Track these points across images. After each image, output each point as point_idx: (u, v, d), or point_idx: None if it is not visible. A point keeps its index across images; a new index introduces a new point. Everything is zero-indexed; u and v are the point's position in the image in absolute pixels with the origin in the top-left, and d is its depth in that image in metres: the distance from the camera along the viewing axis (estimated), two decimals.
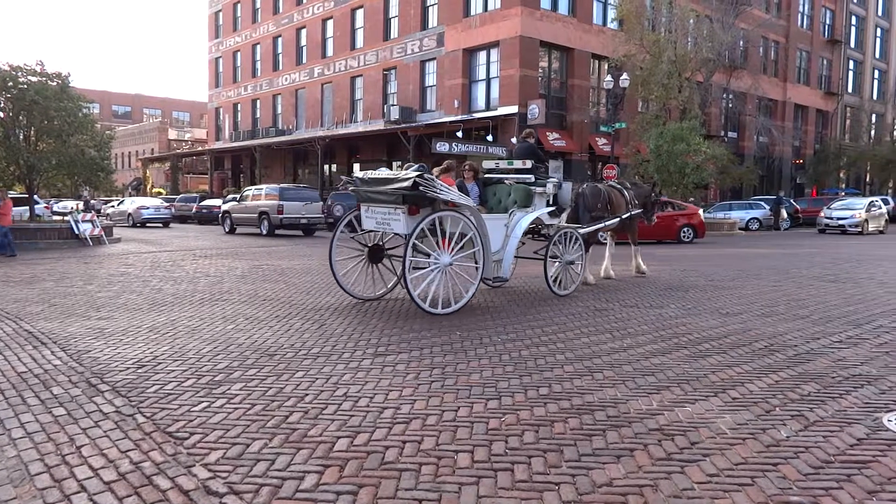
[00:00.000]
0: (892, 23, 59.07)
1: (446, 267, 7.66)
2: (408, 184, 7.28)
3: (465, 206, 7.85)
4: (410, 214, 7.55)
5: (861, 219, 27.81)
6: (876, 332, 6.69)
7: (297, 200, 22.96)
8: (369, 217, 8.15)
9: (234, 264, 13.22)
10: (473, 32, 32.50)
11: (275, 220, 22.64)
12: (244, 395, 4.40)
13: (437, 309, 7.46)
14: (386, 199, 7.67)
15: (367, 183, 7.97)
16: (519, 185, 9.23)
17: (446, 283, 7.69)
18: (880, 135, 54.81)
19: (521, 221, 8.76)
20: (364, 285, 8.72)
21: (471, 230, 7.79)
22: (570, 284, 9.33)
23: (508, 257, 8.61)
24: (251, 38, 49.40)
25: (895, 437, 3.72)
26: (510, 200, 9.12)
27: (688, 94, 31.04)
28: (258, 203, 23.67)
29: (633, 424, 3.89)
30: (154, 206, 31.41)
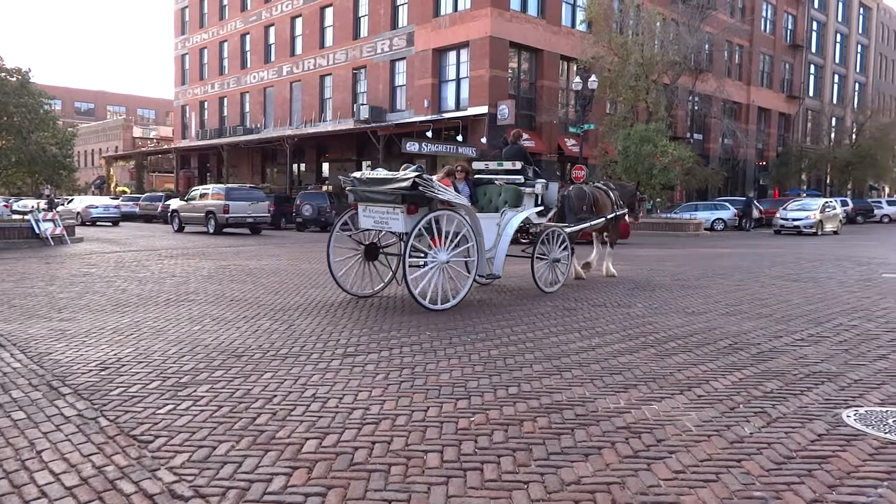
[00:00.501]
0: (851, 29, 60.64)
1: (444, 264, 7.90)
2: (407, 184, 7.49)
3: (460, 205, 8.12)
4: (409, 214, 7.77)
5: (816, 220, 28.09)
6: (836, 329, 6.86)
7: (243, 200, 23.68)
8: (367, 216, 8.33)
9: (201, 264, 13.04)
10: (443, 32, 32.53)
11: (221, 220, 23.38)
12: (211, 397, 4.34)
13: (437, 305, 7.71)
14: (384, 199, 7.86)
15: (364, 183, 8.14)
16: (509, 186, 9.52)
17: (443, 279, 7.90)
18: (840, 138, 56.25)
19: (512, 220, 9.05)
20: (362, 282, 8.89)
21: (466, 229, 8.04)
22: (556, 282, 9.61)
23: (501, 255, 8.85)
24: (218, 34, 48.76)
25: (854, 432, 3.81)
26: (501, 200, 9.40)
27: (655, 97, 31.47)
28: (205, 202, 24.49)
29: (600, 423, 3.93)
30: (103, 205, 31.39)
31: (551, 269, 9.63)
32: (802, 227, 28.02)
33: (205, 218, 24.20)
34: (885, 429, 3.86)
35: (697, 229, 29.14)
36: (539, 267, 9.43)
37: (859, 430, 3.83)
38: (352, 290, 8.75)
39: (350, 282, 8.81)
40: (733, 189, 45.93)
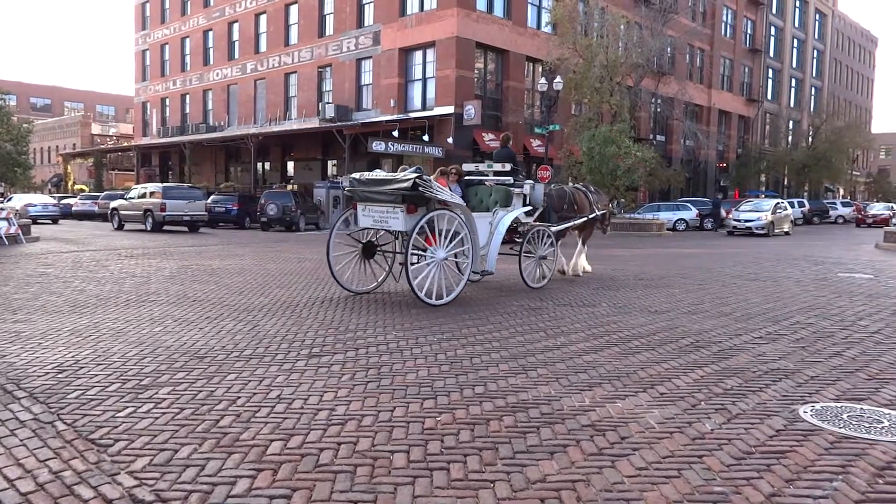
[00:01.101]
0: (807, 34, 62.26)
1: (441, 261, 8.28)
2: (408, 184, 7.84)
3: (456, 205, 8.54)
4: (409, 213, 8.14)
5: (767, 221, 28.00)
6: (793, 328, 7.03)
7: (180, 199, 24.40)
8: (366, 215, 8.63)
9: (162, 264, 12.80)
10: (410, 32, 32.48)
11: (158, 217, 24.07)
12: (172, 400, 4.27)
13: (432, 300, 8.04)
14: (385, 199, 8.20)
15: (364, 183, 8.45)
16: (500, 186, 9.96)
17: (440, 276, 8.22)
18: (797, 140, 57.76)
19: (503, 219, 9.49)
20: (359, 279, 9.20)
21: (461, 228, 8.43)
22: (543, 278, 10.06)
23: (493, 252, 9.28)
24: (180, 30, 47.94)
25: (811, 427, 3.91)
26: (492, 200, 9.85)
27: (619, 98, 31.88)
28: (143, 201, 25.14)
29: (566, 421, 3.96)
30: (42, 203, 31.29)
31: (538, 265, 10.06)
32: (754, 228, 27.96)
33: (143, 216, 24.77)
34: (840, 424, 3.97)
35: (660, 230, 29.61)
36: (526, 264, 9.86)
37: (815, 426, 3.94)
38: (349, 286, 8.99)
39: (347, 278, 9.04)
40: (695, 190, 46.79)
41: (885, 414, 4.17)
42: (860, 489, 3.09)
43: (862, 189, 78.83)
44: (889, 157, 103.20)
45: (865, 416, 4.13)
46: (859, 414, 4.16)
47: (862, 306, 8.57)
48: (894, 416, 4.12)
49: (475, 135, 31.42)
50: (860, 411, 4.22)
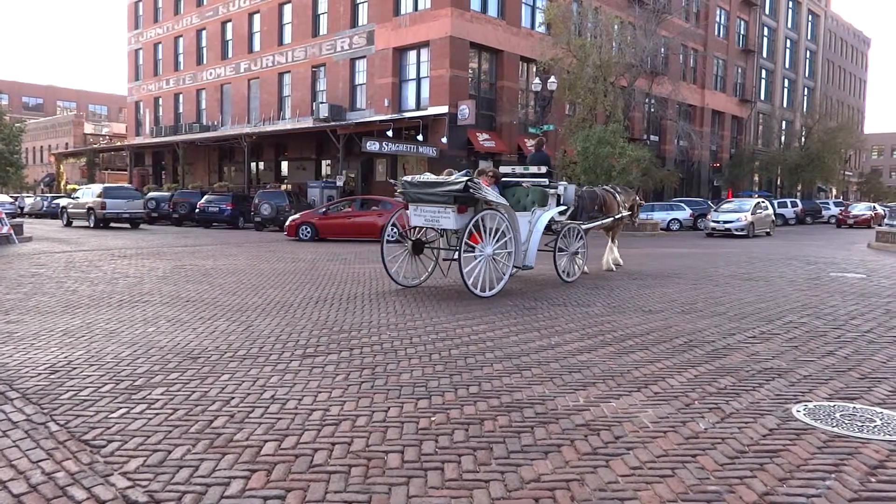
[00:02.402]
0: (800, 35, 62.52)
1: (489, 257, 8.96)
2: (460, 186, 8.54)
3: (501, 205, 9.17)
4: (459, 213, 8.82)
5: (747, 222, 27.09)
6: (786, 327, 7.06)
7: (119, 198, 26.59)
8: (418, 215, 9.34)
9: (155, 264, 12.76)
10: (404, 32, 32.47)
11: (99, 215, 26.11)
12: (166, 400, 4.25)
13: (485, 292, 8.75)
14: (437, 200, 8.90)
15: (416, 186, 9.15)
16: (536, 188, 10.67)
17: (487, 270, 8.90)
18: (789, 140, 58.00)
19: (541, 217, 10.22)
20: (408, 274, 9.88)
21: (506, 226, 9.12)
22: (575, 273, 10.90)
23: (533, 248, 9.99)
24: (173, 30, 47.78)
25: (803, 426, 3.93)
26: (529, 200, 10.55)
27: (612, 99, 31.94)
28: (87, 200, 27.15)
29: (560, 421, 3.96)
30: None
31: (571, 261, 10.91)
32: (734, 229, 27.00)
33: (86, 213, 26.82)
34: (833, 423, 3.98)
35: (654, 229, 29.67)
36: (561, 260, 10.64)
37: (808, 425, 3.95)
38: (401, 281, 9.74)
39: (400, 274, 9.80)
40: (689, 190, 46.93)
41: (878, 413, 4.19)
42: (853, 488, 3.10)
43: (854, 189, 79.24)
44: (881, 157, 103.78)
45: (858, 414, 4.15)
46: (852, 413, 4.18)
47: (854, 305, 8.61)
48: (886, 415, 4.14)
49: (469, 135, 31.43)
50: (853, 410, 4.24)
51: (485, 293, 8.77)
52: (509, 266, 9.36)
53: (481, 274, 8.84)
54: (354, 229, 21.14)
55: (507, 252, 9.29)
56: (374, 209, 21.51)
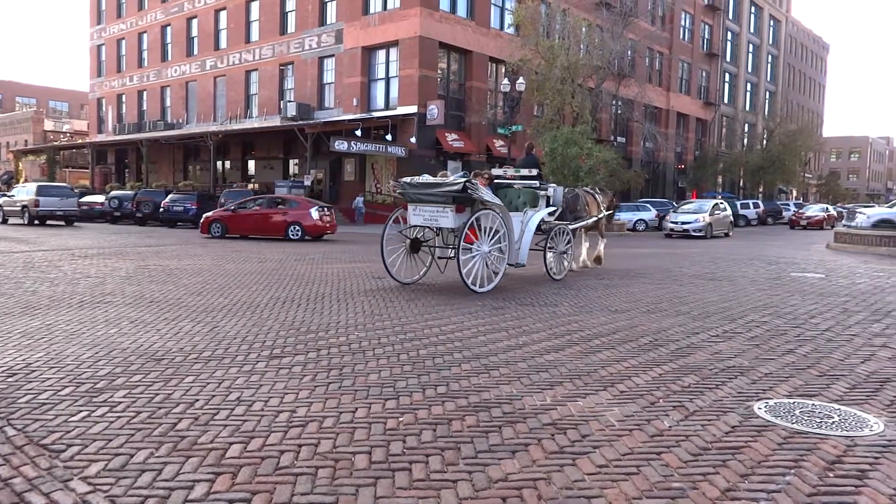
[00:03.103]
0: (762, 40, 63.85)
1: (486, 254, 9.37)
2: (459, 187, 8.99)
3: (496, 205, 9.61)
4: (457, 212, 9.26)
5: (706, 223, 27.12)
6: (748, 326, 7.20)
7: (52, 196, 27.26)
8: (417, 214, 9.72)
9: (118, 265, 12.51)
10: (373, 31, 32.35)
11: (32, 212, 26.72)
12: (128, 403, 4.17)
13: (479, 288, 9.12)
14: (436, 200, 9.32)
15: (415, 186, 9.55)
16: (527, 189, 11.07)
17: (482, 267, 9.31)
18: (752, 143, 59.24)
19: (533, 218, 10.66)
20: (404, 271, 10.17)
21: (500, 225, 9.54)
22: (562, 271, 11.31)
23: (525, 247, 10.41)
24: (137, 25, 46.93)
25: (765, 423, 4.01)
26: (520, 202, 10.92)
27: (580, 100, 32.24)
28: (21, 198, 27.93)
29: (527, 420, 3.99)
30: None
31: (558, 259, 11.31)
32: (692, 230, 26.97)
33: (21, 211, 27.43)
34: (793, 419, 4.07)
35: (620, 230, 30.02)
36: (550, 259, 11.10)
37: (769, 421, 4.04)
38: (400, 277, 10.05)
39: (395, 271, 10.08)
40: (654, 191, 47.61)
41: (836, 409, 4.30)
42: (812, 483, 3.18)
43: (814, 191, 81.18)
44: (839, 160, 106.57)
45: (817, 411, 4.25)
46: (811, 409, 4.28)
47: (813, 305, 8.82)
48: (844, 411, 4.25)
49: (438, 135, 31.46)
50: (812, 407, 4.34)
51: (481, 289, 9.17)
52: (503, 264, 9.78)
53: (478, 271, 9.21)
54: (260, 227, 21.31)
55: (501, 250, 9.70)
56: (280, 208, 21.62)
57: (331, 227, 21.46)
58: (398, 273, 10.08)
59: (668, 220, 28.62)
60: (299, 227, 20.69)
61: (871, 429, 3.93)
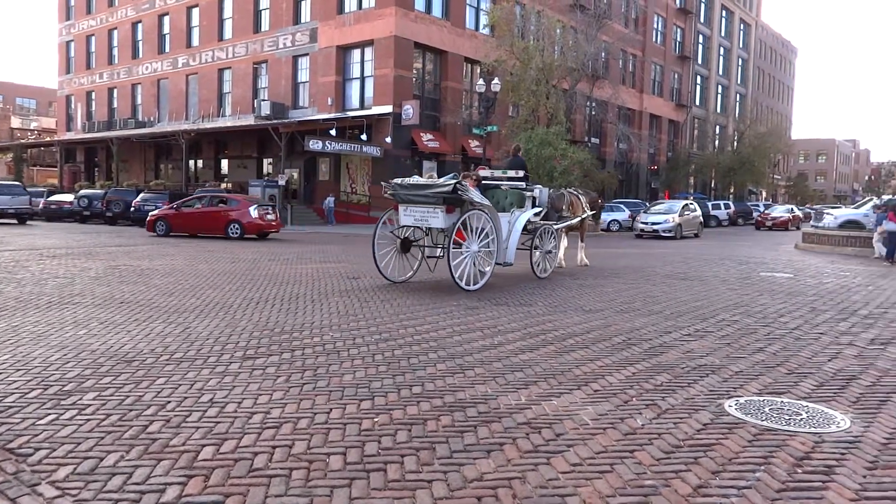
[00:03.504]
0: (732, 43, 64.83)
1: (475, 253, 9.67)
2: (449, 188, 9.26)
3: (485, 205, 9.90)
4: (448, 213, 9.48)
5: (675, 223, 27.06)
6: (719, 325, 7.31)
7: (3, 195, 27.31)
8: (407, 215, 9.93)
9: (88, 265, 12.29)
10: (347, 30, 32.21)
11: None
12: (98, 406, 4.10)
13: (470, 286, 9.39)
14: (427, 201, 9.55)
15: (406, 188, 9.75)
16: (514, 190, 11.31)
17: (471, 265, 9.58)
18: (723, 145, 60.15)
19: (520, 218, 10.93)
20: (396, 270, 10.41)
21: (489, 225, 9.84)
22: (547, 269, 11.62)
23: (512, 246, 10.70)
24: (107, 22, 46.17)
25: (735, 420, 4.08)
26: (507, 202, 11.12)
27: (554, 101, 32.44)
28: None
29: (502, 419, 4.00)
30: None
31: (544, 258, 11.58)
32: (661, 231, 26.97)
33: None
34: (763, 417, 4.14)
35: (595, 230, 30.20)
36: (536, 257, 11.35)
37: (740, 419, 4.10)
38: (391, 276, 10.28)
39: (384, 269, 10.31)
40: (627, 192, 48.06)
41: (804, 406, 4.38)
42: (781, 479, 3.23)
43: (783, 192, 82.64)
44: (807, 161, 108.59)
45: (786, 408, 4.33)
46: (780, 407, 4.36)
47: (782, 304, 8.98)
48: (812, 408, 4.33)
49: (414, 135, 31.42)
50: (781, 404, 4.42)
51: (470, 286, 9.44)
52: (490, 263, 10.14)
53: (468, 270, 9.50)
54: (202, 225, 21.39)
55: (489, 249, 10.01)
56: (220, 206, 21.65)
57: (272, 225, 21.58)
58: (390, 272, 10.31)
59: (638, 221, 28.73)
60: (239, 225, 20.74)
61: (837, 425, 4.02)
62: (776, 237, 30.75)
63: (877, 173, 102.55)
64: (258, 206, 21.20)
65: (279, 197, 29.63)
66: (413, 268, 10.67)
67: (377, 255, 10.20)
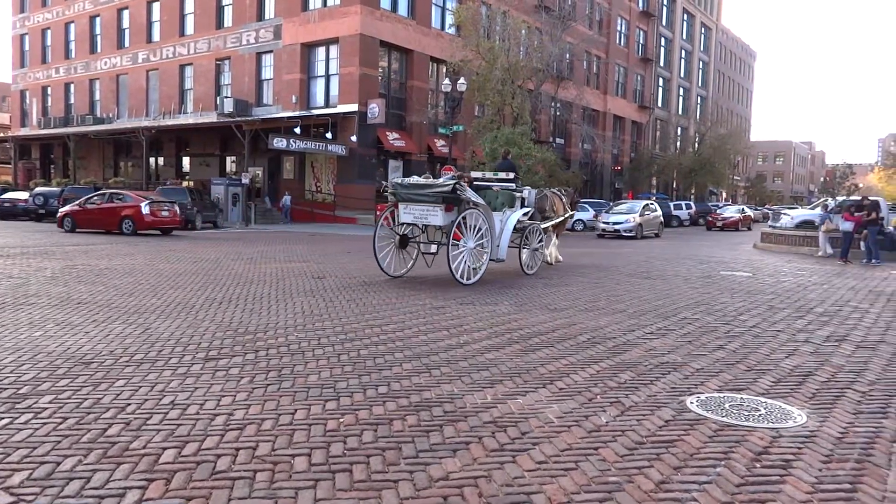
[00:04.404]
0: (693, 46, 66.02)
1: (471, 249, 10.22)
2: (448, 188, 9.85)
3: (481, 205, 10.52)
4: (447, 211, 10.05)
5: (636, 223, 27.31)
6: (681, 323, 7.43)
7: None
8: (407, 213, 10.47)
9: (43, 264, 11.97)
10: (312, 27, 31.93)
11: None
12: (54, 409, 4.00)
13: (464, 280, 9.99)
14: (426, 199, 10.10)
15: (406, 187, 10.36)
16: (505, 191, 12.02)
17: (468, 261, 10.14)
18: (684, 146, 61.17)
19: (511, 217, 11.54)
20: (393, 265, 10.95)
21: (484, 223, 10.43)
22: (535, 266, 12.25)
23: (504, 244, 11.30)
24: (64, 15, 44.99)
25: (697, 417, 4.15)
26: (499, 202, 11.77)
27: (520, 101, 32.62)
28: None
29: (468, 418, 4.01)
30: None
31: (532, 256, 12.22)
32: (623, 230, 27.11)
33: None
34: (723, 413, 4.23)
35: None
36: (524, 255, 11.97)
37: (701, 415, 4.18)
38: (389, 271, 10.82)
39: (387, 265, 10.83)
40: (592, 192, 48.57)
41: (763, 402, 4.48)
42: (740, 473, 3.30)
43: (742, 193, 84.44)
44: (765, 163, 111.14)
45: (745, 404, 4.42)
46: (739, 403, 4.45)
47: (742, 302, 9.18)
48: (770, 404, 4.44)
49: (379, 134, 31.30)
50: (740, 400, 4.51)
51: (467, 281, 10.06)
52: (484, 259, 10.65)
53: (465, 264, 10.10)
54: (101, 221, 21.94)
55: (483, 246, 10.59)
56: (117, 203, 21.97)
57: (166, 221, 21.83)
58: (387, 266, 10.83)
59: (600, 221, 29.00)
60: (131, 221, 21.21)
61: (794, 420, 4.12)
62: (734, 237, 31.38)
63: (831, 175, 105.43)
64: (150, 202, 21.54)
65: (242, 195, 29.24)
66: (409, 263, 11.26)
67: (377, 251, 10.66)
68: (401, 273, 10.98)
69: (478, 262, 10.58)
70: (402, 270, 11.05)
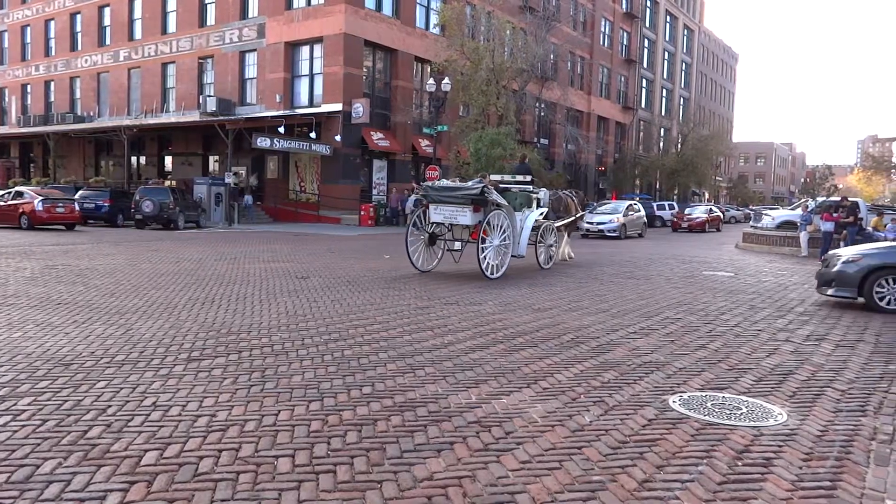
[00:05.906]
0: (676, 48, 66.51)
1: (497, 246, 11.15)
2: (477, 191, 10.89)
3: (504, 206, 11.54)
4: (475, 211, 10.99)
5: (619, 223, 27.38)
6: (663, 322, 7.48)
7: None
8: (437, 213, 11.42)
9: (23, 264, 11.81)
10: (296, 26, 31.77)
11: None
12: (34, 411, 3.95)
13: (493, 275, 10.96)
14: (456, 201, 11.06)
15: (437, 190, 11.43)
16: (523, 193, 13.09)
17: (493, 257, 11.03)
18: (667, 147, 61.62)
19: (530, 216, 12.65)
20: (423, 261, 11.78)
21: (507, 223, 11.39)
22: (548, 262, 13.26)
23: (524, 241, 12.32)
24: (44, 12, 44.40)
25: (679, 416, 4.18)
26: (517, 203, 12.74)
27: (504, 102, 32.64)
28: None
29: (453, 418, 4.01)
30: None
31: (546, 252, 13.22)
32: (606, 231, 27.18)
33: None
34: (705, 411, 4.27)
35: None
36: (540, 251, 13.04)
37: (683, 414, 4.21)
38: (420, 266, 11.67)
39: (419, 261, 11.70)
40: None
41: (744, 401, 4.53)
42: (722, 471, 3.33)
43: (724, 193, 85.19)
44: (747, 164, 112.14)
45: (727, 403, 4.47)
46: (721, 402, 4.49)
47: (723, 302, 9.26)
48: (751, 403, 4.48)
49: (364, 133, 31.21)
50: (722, 399, 4.55)
51: (493, 276, 10.96)
52: (507, 255, 11.51)
53: (491, 261, 10.99)
54: (4, 216, 23.24)
55: (507, 244, 11.45)
56: (17, 200, 23.28)
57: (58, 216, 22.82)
58: (418, 262, 11.69)
59: (583, 221, 28.70)
60: (27, 217, 22.64)
61: (775, 419, 4.16)
62: (717, 238, 31.61)
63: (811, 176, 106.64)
64: (43, 199, 22.73)
65: (226, 195, 29.02)
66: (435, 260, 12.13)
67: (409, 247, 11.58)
68: (430, 267, 11.88)
69: (502, 258, 11.36)
70: (430, 265, 11.92)
